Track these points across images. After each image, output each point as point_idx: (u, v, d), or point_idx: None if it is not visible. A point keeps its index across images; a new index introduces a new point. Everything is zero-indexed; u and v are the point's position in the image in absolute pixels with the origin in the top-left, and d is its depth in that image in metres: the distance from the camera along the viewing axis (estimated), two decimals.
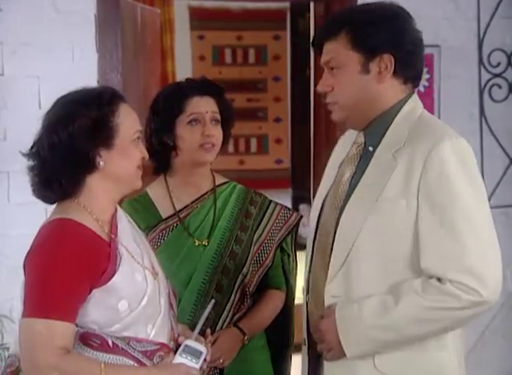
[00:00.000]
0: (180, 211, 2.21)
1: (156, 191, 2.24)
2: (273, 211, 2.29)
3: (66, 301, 1.60)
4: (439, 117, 3.17)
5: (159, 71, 4.04)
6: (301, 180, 5.98)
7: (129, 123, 1.73)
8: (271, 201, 2.31)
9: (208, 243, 2.18)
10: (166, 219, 2.20)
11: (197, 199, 2.22)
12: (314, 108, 3.31)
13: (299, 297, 2.33)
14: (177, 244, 2.17)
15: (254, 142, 6.58)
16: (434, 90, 3.23)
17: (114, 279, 1.64)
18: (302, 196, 5.94)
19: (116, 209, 1.77)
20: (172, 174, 2.23)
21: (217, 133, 2.18)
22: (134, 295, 1.68)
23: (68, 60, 2.90)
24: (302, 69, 5.91)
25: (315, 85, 3.35)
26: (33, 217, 2.42)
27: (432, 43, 3.20)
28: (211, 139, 2.16)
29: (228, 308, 2.17)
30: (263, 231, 2.26)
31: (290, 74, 6.55)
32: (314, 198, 3.33)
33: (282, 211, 2.30)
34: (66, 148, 1.65)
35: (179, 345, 1.75)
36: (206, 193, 2.24)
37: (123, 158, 1.71)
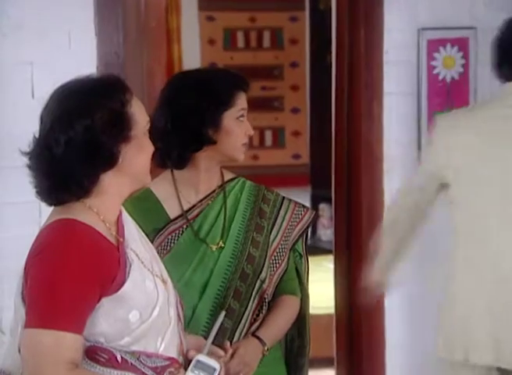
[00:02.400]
0: (188, 211, 2.22)
1: (161, 189, 2.24)
2: (287, 209, 2.30)
3: (76, 310, 1.59)
4: None
5: (164, 57, 4.05)
6: (321, 177, 5.96)
7: (141, 113, 1.74)
8: (283, 197, 2.32)
9: (224, 246, 2.19)
10: (175, 220, 2.21)
11: (205, 198, 2.24)
12: (335, 98, 3.31)
13: (313, 306, 2.34)
14: (189, 249, 2.18)
15: (269, 135, 6.57)
16: (469, 77, 3.23)
17: (125, 287, 1.64)
18: (322, 195, 5.93)
19: (121, 210, 1.78)
20: (184, 170, 2.24)
21: None
22: (146, 305, 1.68)
23: (64, 45, 2.91)
24: (322, 55, 5.89)
25: (337, 72, 3.36)
26: (26, 218, 2.45)
27: (468, 25, 3.20)
28: (248, 139, 2.22)
29: (246, 316, 2.19)
30: (278, 232, 2.27)
31: (309, 60, 6.54)
32: (335, 196, 3.35)
33: (296, 208, 2.31)
34: (86, 144, 1.64)
35: (189, 360, 1.76)
36: (214, 191, 2.25)
37: (139, 152, 1.72)
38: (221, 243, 2.20)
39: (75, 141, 1.64)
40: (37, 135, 1.71)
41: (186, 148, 2.19)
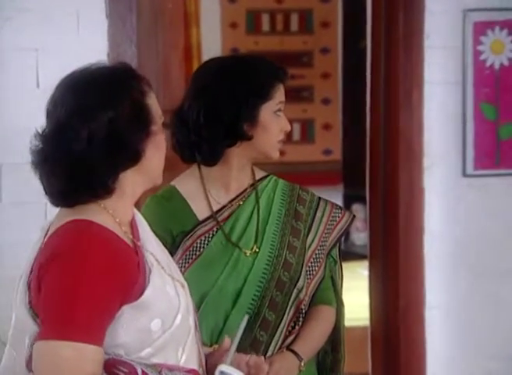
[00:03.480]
0: (218, 212, 2.23)
1: (187, 187, 2.26)
2: (324, 211, 2.31)
3: (97, 320, 1.59)
4: None
5: (182, 42, 4.06)
6: (354, 174, 5.96)
7: (157, 106, 1.75)
8: (319, 198, 2.33)
9: (258, 251, 2.20)
10: (204, 222, 2.22)
11: (235, 197, 2.25)
12: (370, 87, 3.30)
13: (346, 317, 2.35)
14: (221, 253, 2.20)
15: (297, 128, 6.57)
16: None
17: (146, 293, 1.65)
18: (355, 194, 5.92)
19: (133, 210, 1.79)
20: (214, 166, 2.24)
21: None
22: (167, 313, 1.69)
23: (72, 29, 2.92)
24: (356, 39, 5.88)
25: (372, 59, 3.34)
26: (30, 219, 2.45)
27: None
28: (285, 136, 2.23)
29: (281, 328, 2.21)
30: (315, 236, 2.28)
31: (342, 45, 6.53)
32: (370, 195, 3.33)
33: (334, 211, 2.32)
34: (111, 139, 1.64)
35: (207, 372, 1.78)
36: (245, 190, 2.26)
37: (158, 149, 1.73)
38: (255, 248, 2.21)
39: (98, 136, 1.64)
40: (41, 130, 1.70)
41: (219, 142, 2.19)
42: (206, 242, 2.20)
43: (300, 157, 6.56)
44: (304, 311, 2.24)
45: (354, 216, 2.37)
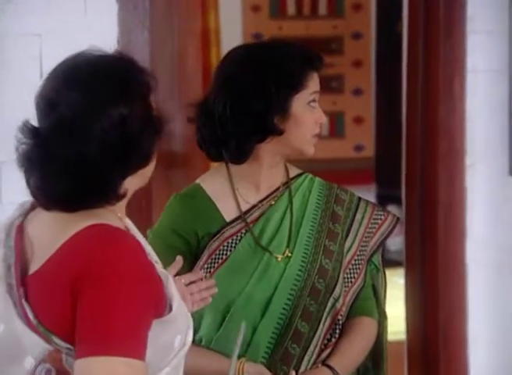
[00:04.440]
0: (246, 213, 2.24)
1: (214, 185, 2.27)
2: (364, 212, 2.32)
3: (143, 335, 1.60)
4: None
5: (199, 27, 4.06)
6: (389, 172, 5.94)
7: (156, 103, 1.74)
8: (360, 198, 2.33)
9: (291, 255, 2.19)
10: (231, 223, 2.23)
11: (267, 197, 2.25)
12: (407, 76, 3.28)
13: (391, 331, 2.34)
14: (250, 258, 2.21)
15: (325, 122, 6.57)
16: None
17: (174, 306, 1.66)
18: (390, 195, 5.91)
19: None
20: (238, 166, 2.25)
21: None
22: (185, 328, 1.70)
23: (78, 12, 2.93)
24: (391, 23, 5.87)
25: (409, 44, 3.33)
26: None
27: None
28: (320, 129, 2.24)
29: (315, 341, 2.21)
30: (354, 240, 2.29)
31: (375, 30, 6.52)
32: (406, 196, 3.32)
33: (375, 212, 2.32)
34: (124, 139, 1.63)
35: None
36: (278, 189, 2.26)
37: (157, 150, 1.73)
38: (287, 252, 2.21)
39: (110, 135, 1.62)
40: (29, 125, 1.68)
41: (248, 138, 2.20)
42: (233, 245, 2.21)
43: (328, 154, 6.54)
44: (340, 322, 2.24)
45: (398, 218, 2.38)
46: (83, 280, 1.60)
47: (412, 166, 3.28)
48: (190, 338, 1.71)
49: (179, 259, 1.92)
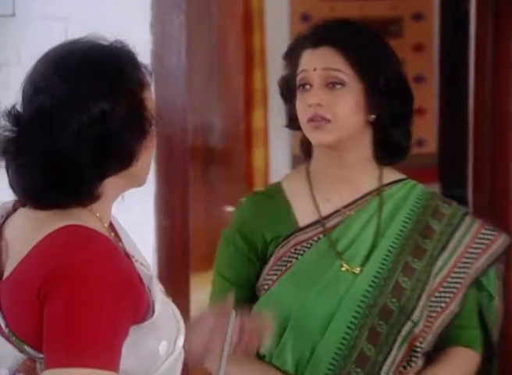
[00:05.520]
0: (327, 218, 2.23)
1: (294, 186, 2.28)
2: (468, 230, 2.27)
3: (116, 344, 1.63)
4: None
5: (240, 9, 4.06)
6: (454, 170, 5.91)
7: (153, 100, 1.77)
8: (466, 213, 2.30)
9: (363, 268, 2.19)
10: (305, 228, 2.23)
11: (352, 202, 2.24)
12: (475, 62, 3.26)
13: None
14: (317, 266, 2.20)
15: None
16: None
17: (156, 310, 1.68)
18: (455, 195, 5.87)
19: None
20: (314, 164, 2.26)
21: (331, 100, 2.17)
22: (172, 333, 1.73)
23: None
24: (456, 2, 5.83)
25: (477, 26, 3.30)
26: None
27: None
28: (318, 110, 2.16)
29: (386, 368, 2.18)
30: (449, 260, 2.24)
31: (439, 10, 6.49)
32: (474, 197, 3.30)
33: (482, 230, 2.28)
34: (103, 135, 1.66)
35: None
36: (367, 194, 2.25)
37: (150, 151, 1.76)
38: (358, 267, 2.19)
39: (88, 131, 1.65)
40: (13, 110, 1.70)
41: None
42: (301, 252, 2.20)
43: None
44: (419, 350, 2.19)
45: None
46: (49, 284, 1.62)
47: (480, 164, 3.27)
48: (180, 344, 1.73)
49: (231, 295, 1.89)
